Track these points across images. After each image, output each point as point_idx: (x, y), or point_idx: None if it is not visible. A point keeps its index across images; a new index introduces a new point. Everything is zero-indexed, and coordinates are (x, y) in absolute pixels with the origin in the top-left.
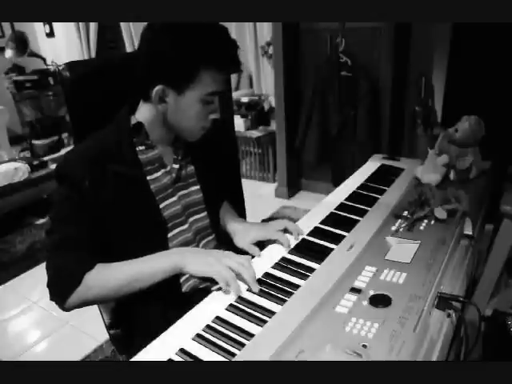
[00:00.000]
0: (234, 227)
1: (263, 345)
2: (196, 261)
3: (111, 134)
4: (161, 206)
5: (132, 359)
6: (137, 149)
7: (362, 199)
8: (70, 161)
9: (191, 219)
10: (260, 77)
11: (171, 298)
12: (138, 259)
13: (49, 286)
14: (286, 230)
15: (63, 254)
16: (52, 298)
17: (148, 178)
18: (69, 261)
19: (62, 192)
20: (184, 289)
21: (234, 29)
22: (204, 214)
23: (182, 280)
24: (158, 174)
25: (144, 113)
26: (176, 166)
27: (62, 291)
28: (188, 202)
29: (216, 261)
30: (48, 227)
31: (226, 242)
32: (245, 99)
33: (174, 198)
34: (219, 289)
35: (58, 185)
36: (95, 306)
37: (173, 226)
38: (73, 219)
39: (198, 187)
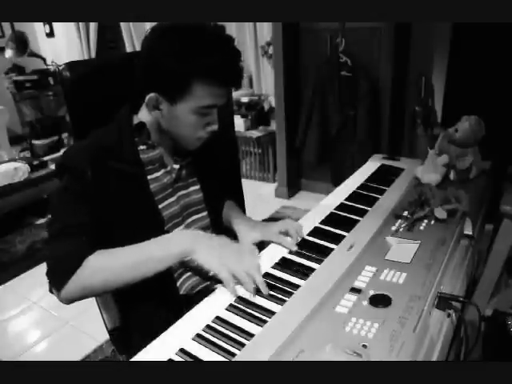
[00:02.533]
0: (238, 228)
1: (263, 345)
2: (207, 253)
3: (112, 133)
4: (160, 206)
5: (132, 359)
6: (138, 148)
7: (362, 199)
8: (72, 153)
9: (190, 220)
10: (260, 77)
11: (171, 299)
12: (144, 242)
13: (47, 273)
14: (288, 231)
15: (63, 240)
16: (50, 287)
17: (148, 177)
18: (68, 246)
19: (63, 184)
20: (182, 290)
21: (234, 29)
22: (204, 213)
23: (180, 282)
24: (159, 173)
25: (145, 114)
26: (176, 166)
27: (60, 276)
28: (187, 202)
29: (228, 261)
30: (48, 220)
31: None
32: (245, 99)
33: (173, 199)
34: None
35: (59, 178)
36: (95, 306)
37: (172, 227)
38: (74, 209)
39: (197, 187)
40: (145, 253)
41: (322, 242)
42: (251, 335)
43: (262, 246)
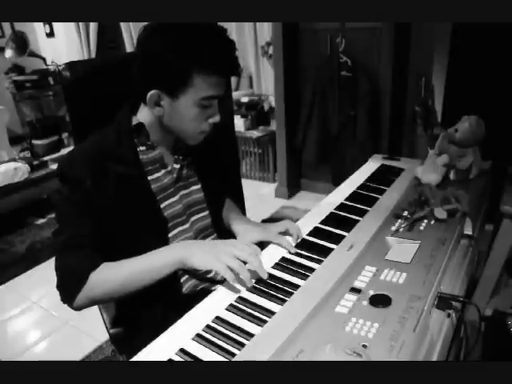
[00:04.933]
0: (237, 228)
1: (263, 345)
2: (201, 254)
3: (112, 134)
4: (162, 205)
5: (132, 359)
6: (138, 149)
7: (362, 199)
8: (71, 161)
9: (192, 219)
10: (260, 77)
11: (172, 299)
12: (142, 255)
13: (58, 287)
14: (287, 232)
15: (68, 255)
16: (62, 299)
17: (149, 178)
18: (74, 261)
19: (64, 192)
20: (184, 289)
21: (234, 29)
22: (205, 213)
23: (182, 280)
24: (159, 174)
25: (144, 114)
26: (177, 166)
27: (69, 292)
28: (189, 202)
29: (222, 253)
30: (54, 228)
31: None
32: (245, 99)
33: (175, 198)
34: (223, 281)
35: (60, 184)
36: (95, 306)
37: (173, 226)
38: (75, 220)
39: (198, 186)
40: (142, 265)
41: (322, 242)
42: (251, 335)
43: (261, 246)
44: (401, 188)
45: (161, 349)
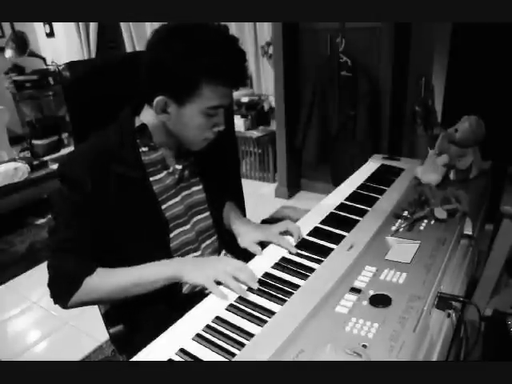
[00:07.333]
0: (238, 228)
1: (263, 345)
2: (194, 273)
3: (114, 135)
4: (163, 206)
5: (132, 359)
6: (140, 150)
7: (362, 199)
8: (72, 162)
9: (194, 219)
10: (260, 77)
11: (172, 299)
12: (138, 266)
13: (49, 285)
14: (287, 232)
15: (64, 256)
16: (52, 297)
17: (151, 179)
18: (69, 264)
19: (63, 192)
20: (185, 289)
21: (234, 29)
22: (207, 213)
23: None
24: (161, 175)
25: (148, 116)
26: (179, 167)
27: (61, 293)
28: (191, 203)
29: (214, 272)
30: (51, 226)
31: (228, 242)
32: (245, 99)
33: (177, 199)
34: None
35: (60, 184)
36: (95, 306)
37: (175, 227)
38: (74, 222)
39: (200, 187)
40: (138, 276)
41: (322, 242)
42: (251, 335)
43: (261, 246)
44: (401, 188)
45: (161, 349)
